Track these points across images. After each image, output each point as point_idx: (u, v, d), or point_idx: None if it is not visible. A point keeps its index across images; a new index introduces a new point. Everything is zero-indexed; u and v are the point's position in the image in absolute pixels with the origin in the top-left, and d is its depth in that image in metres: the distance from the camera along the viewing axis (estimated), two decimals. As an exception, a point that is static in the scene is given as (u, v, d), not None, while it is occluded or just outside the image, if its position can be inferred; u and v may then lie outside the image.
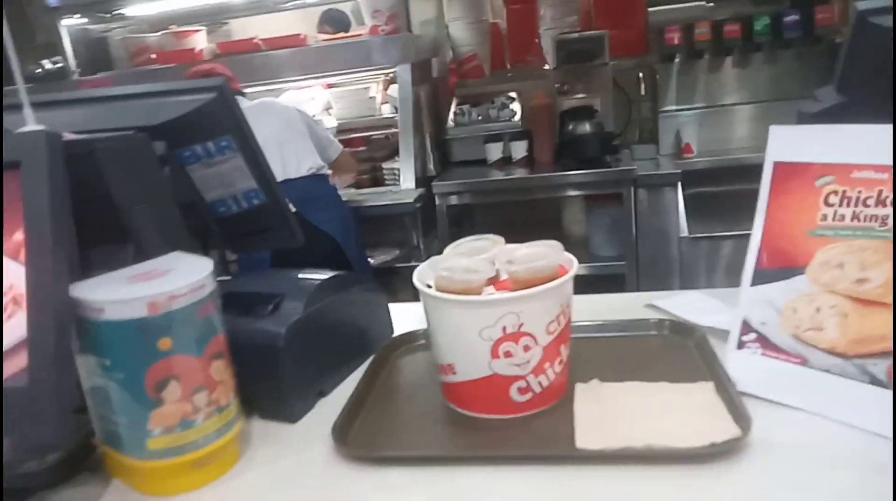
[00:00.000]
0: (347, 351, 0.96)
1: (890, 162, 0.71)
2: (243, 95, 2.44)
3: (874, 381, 0.71)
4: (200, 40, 3.03)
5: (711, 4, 2.90)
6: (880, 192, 0.72)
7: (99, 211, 0.80)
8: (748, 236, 0.82)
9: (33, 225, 0.64)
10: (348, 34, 3.07)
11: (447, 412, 0.82)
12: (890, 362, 0.70)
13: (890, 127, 0.72)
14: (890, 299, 0.70)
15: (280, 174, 2.12)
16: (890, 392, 0.69)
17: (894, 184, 0.70)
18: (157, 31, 3.13)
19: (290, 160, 2.21)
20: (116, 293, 0.65)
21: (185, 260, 0.75)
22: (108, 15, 3.07)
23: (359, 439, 0.77)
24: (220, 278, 0.74)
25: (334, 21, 3.20)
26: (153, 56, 3.03)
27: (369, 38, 2.85)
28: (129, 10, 3.08)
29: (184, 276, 0.68)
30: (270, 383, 0.82)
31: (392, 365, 0.96)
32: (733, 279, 0.84)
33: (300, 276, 0.96)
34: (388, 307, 1.07)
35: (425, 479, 0.70)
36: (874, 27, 0.86)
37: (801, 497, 0.62)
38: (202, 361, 0.69)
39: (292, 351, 0.82)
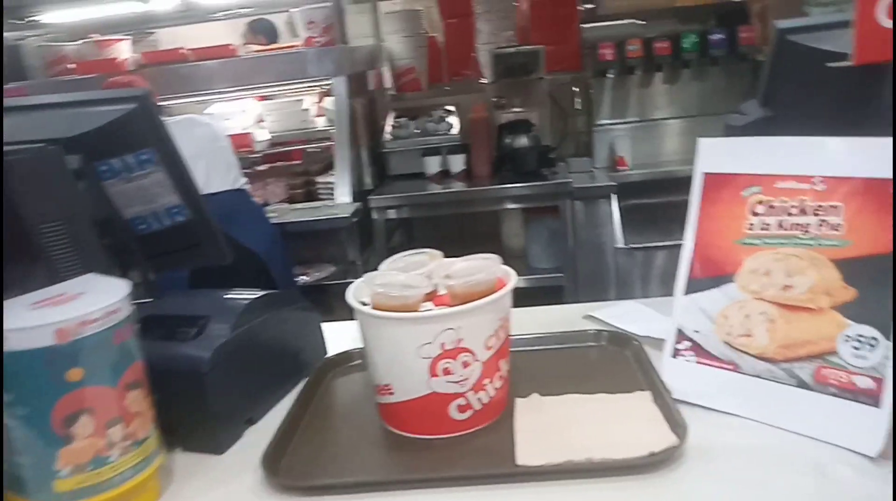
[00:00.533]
0: (278, 375, 0.92)
1: (810, 172, 0.74)
2: (161, 111, 2.35)
3: (801, 384, 0.73)
4: (124, 49, 2.90)
5: (643, 22, 3.00)
6: (802, 201, 0.74)
7: (7, 229, 0.74)
8: (681, 245, 0.84)
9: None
10: (277, 45, 3.01)
11: (385, 435, 0.79)
12: (815, 365, 0.72)
13: (810, 139, 0.75)
14: (814, 305, 0.73)
15: (202, 188, 2.06)
16: (817, 394, 0.71)
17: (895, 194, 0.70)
18: (76, 40, 2.98)
19: (213, 174, 2.13)
20: (19, 320, 0.60)
21: (99, 282, 0.69)
22: (22, 21, 2.90)
23: (291, 468, 0.73)
24: (140, 301, 0.69)
25: (264, 31, 3.14)
26: (71, 66, 2.88)
27: (304, 49, 2.80)
28: (45, 17, 2.92)
29: (96, 299, 0.63)
30: (194, 412, 0.77)
31: (326, 388, 0.92)
32: (668, 288, 0.86)
33: (227, 296, 0.91)
34: (321, 327, 1.03)
35: (362, 506, 0.67)
36: (793, 45, 0.90)
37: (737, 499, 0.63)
38: (117, 391, 0.64)
39: (218, 377, 0.77)
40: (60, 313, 0.60)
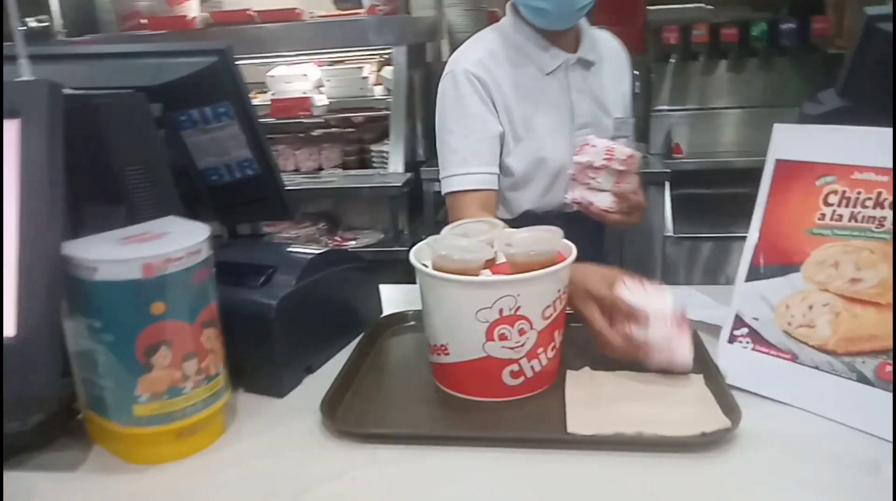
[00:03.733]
0: (336, 329, 0.95)
1: (891, 165, 0.72)
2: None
3: (862, 379, 0.72)
4: (193, 8, 2.96)
5: (711, 7, 2.91)
6: (879, 194, 0.73)
7: (92, 169, 0.78)
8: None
9: (28, 177, 0.62)
10: (340, 12, 3.02)
11: (437, 393, 0.82)
12: (879, 361, 0.71)
13: (892, 131, 0.73)
14: (883, 300, 0.71)
15: None
16: (878, 390, 0.70)
17: (894, 185, 0.70)
18: (148, -4, 3.05)
19: None
20: (111, 253, 0.64)
21: (181, 224, 0.73)
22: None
23: (347, 415, 0.76)
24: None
25: None
26: (143, 21, 2.96)
27: (366, 17, 2.81)
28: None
29: (180, 239, 0.67)
30: (260, 355, 0.81)
31: (381, 345, 0.95)
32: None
33: (291, 249, 0.94)
34: (378, 287, 1.06)
35: (414, 456, 0.69)
36: (882, 33, 0.87)
37: (784, 489, 0.63)
38: (194, 328, 0.67)
39: (283, 324, 0.81)
40: (149, 249, 0.64)
